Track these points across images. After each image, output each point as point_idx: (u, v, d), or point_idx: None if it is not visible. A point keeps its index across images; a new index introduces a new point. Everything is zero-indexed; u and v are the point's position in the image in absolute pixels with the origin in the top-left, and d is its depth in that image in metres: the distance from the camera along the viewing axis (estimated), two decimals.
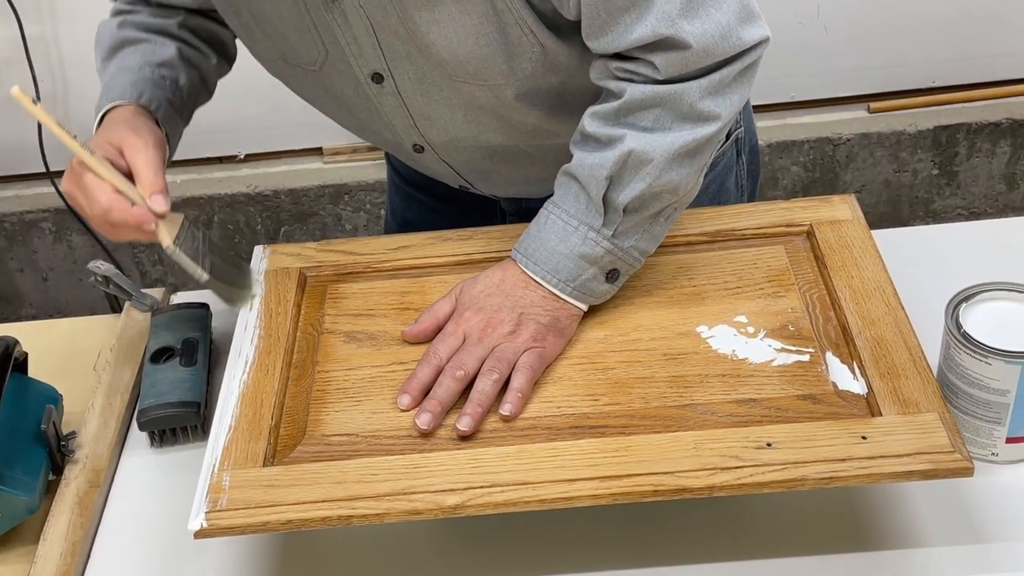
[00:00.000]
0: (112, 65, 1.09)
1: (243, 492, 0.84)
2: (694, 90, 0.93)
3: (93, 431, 1.03)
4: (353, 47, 0.99)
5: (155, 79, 1.06)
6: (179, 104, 1.09)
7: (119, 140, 0.97)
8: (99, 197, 0.93)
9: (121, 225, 0.95)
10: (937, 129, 2.31)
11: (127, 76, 1.06)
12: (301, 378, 0.96)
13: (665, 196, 0.97)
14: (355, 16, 0.96)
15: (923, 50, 2.25)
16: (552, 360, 0.95)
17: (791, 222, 1.06)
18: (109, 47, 1.10)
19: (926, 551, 0.88)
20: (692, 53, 0.91)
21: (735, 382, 0.91)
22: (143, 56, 1.08)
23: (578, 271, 0.97)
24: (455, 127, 1.06)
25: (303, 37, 1.00)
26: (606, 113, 0.96)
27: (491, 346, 0.94)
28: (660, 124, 0.94)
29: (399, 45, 0.98)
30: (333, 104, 1.10)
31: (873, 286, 0.97)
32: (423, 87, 1.01)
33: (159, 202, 0.95)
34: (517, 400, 0.91)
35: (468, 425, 0.89)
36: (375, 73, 1.01)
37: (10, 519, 0.94)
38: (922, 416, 0.84)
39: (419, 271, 1.06)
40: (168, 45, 1.10)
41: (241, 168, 2.34)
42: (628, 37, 0.91)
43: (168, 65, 1.09)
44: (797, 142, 2.32)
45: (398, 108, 1.05)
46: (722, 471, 0.82)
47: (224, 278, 1.01)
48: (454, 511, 0.82)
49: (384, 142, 1.16)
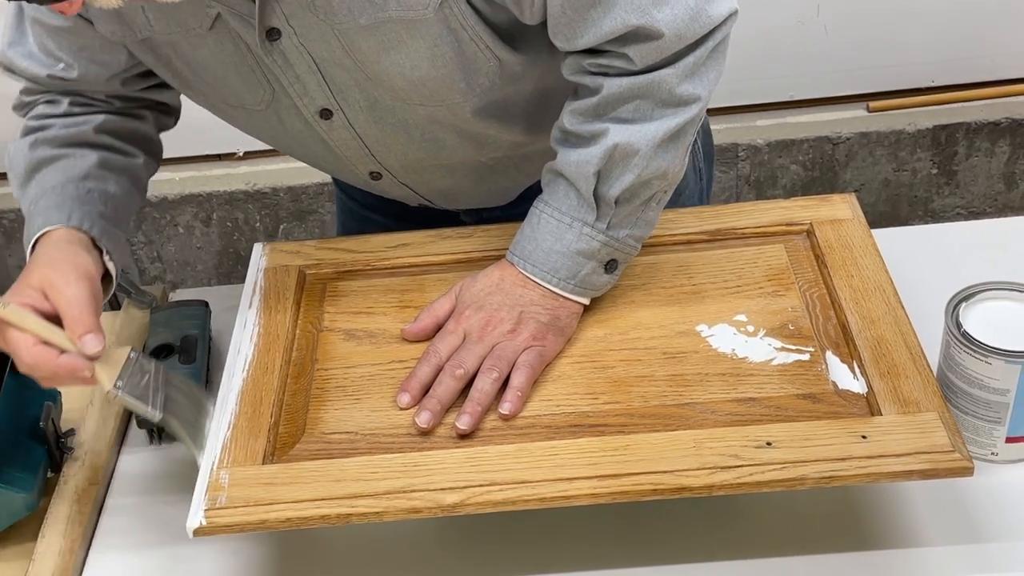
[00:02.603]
0: (31, 190, 1.00)
1: (242, 490, 0.84)
2: (671, 76, 0.92)
3: (92, 428, 1.03)
4: (296, 87, 0.97)
5: (80, 195, 0.98)
6: (113, 215, 1.00)
7: (39, 281, 0.89)
8: (22, 353, 0.86)
9: (53, 377, 0.88)
10: (936, 128, 2.31)
11: (49, 199, 0.98)
12: (300, 376, 0.96)
13: (654, 183, 0.96)
14: (295, 55, 0.94)
15: (922, 49, 2.25)
16: (552, 359, 0.95)
17: (791, 221, 1.05)
18: (25, 171, 1.01)
19: (926, 551, 0.88)
20: (665, 41, 0.90)
21: (735, 381, 0.91)
22: (62, 173, 1.00)
23: (577, 267, 0.97)
24: (413, 149, 1.04)
25: (246, 79, 0.97)
26: (585, 109, 0.95)
27: (491, 344, 0.94)
28: (641, 114, 0.94)
29: (345, 76, 0.96)
30: (285, 140, 1.07)
31: (873, 285, 0.97)
32: (376, 114, 1.00)
33: (91, 343, 0.86)
34: (516, 399, 0.91)
35: (467, 424, 0.88)
36: (323, 109, 0.99)
37: (9, 516, 0.94)
38: (922, 416, 0.84)
39: (418, 269, 1.06)
40: (88, 155, 1.02)
41: (240, 166, 2.34)
42: (598, 31, 0.90)
43: (92, 177, 1.01)
44: (796, 141, 2.32)
45: (351, 140, 1.03)
46: (721, 470, 0.82)
47: (183, 414, 0.91)
48: (453, 509, 0.82)
49: (340, 173, 1.14)
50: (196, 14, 0.92)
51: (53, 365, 0.86)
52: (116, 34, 0.96)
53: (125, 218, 1.04)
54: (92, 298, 0.89)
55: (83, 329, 0.86)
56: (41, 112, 1.04)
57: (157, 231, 2.37)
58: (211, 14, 0.91)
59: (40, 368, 0.86)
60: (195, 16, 0.92)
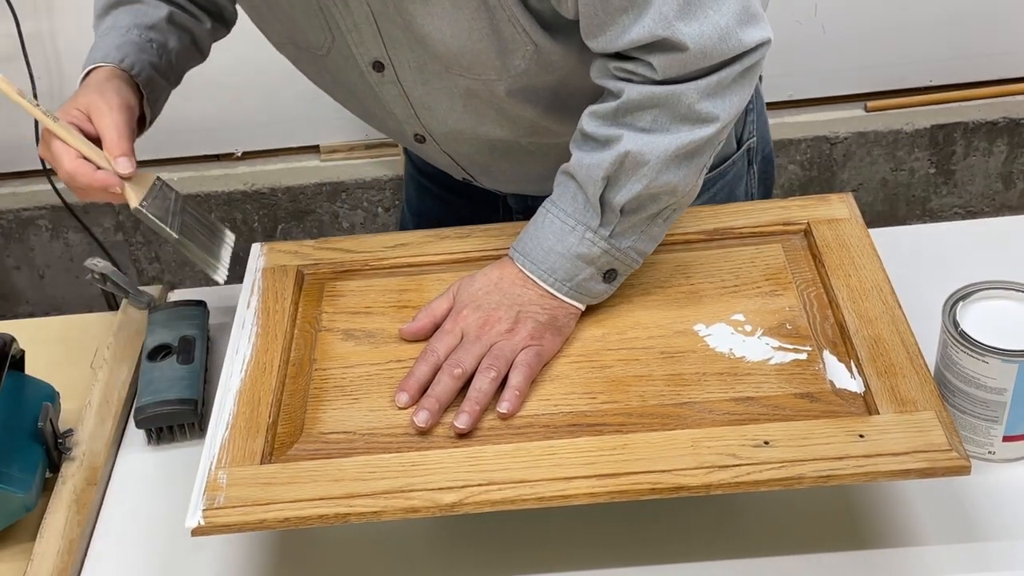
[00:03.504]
0: (104, 24, 1.09)
1: (240, 490, 0.84)
2: (692, 91, 0.92)
3: (90, 429, 1.03)
4: (354, 34, 0.99)
5: (141, 43, 1.07)
6: (164, 68, 1.08)
7: (86, 105, 0.99)
8: (64, 162, 0.96)
9: (87, 188, 0.98)
10: (934, 128, 2.31)
11: (113, 38, 1.07)
12: (298, 376, 0.96)
13: (663, 198, 0.96)
14: (355, 2, 0.96)
15: (920, 49, 2.25)
16: (550, 358, 0.95)
17: (789, 220, 1.06)
18: (104, 5, 1.10)
19: (923, 549, 0.88)
20: (689, 55, 0.90)
21: (732, 380, 0.91)
22: (132, 17, 1.08)
23: (575, 271, 0.97)
24: (454, 118, 1.05)
25: (311, 21, 1.00)
26: (604, 113, 0.95)
27: (489, 344, 0.94)
28: (658, 125, 0.94)
29: (399, 34, 0.98)
30: (341, 90, 1.10)
31: (870, 285, 0.97)
32: (423, 76, 1.01)
33: (124, 164, 0.97)
34: (514, 398, 0.91)
35: (466, 423, 0.89)
36: (376, 61, 1.01)
37: (7, 517, 0.94)
38: (919, 414, 0.84)
39: (417, 269, 1.06)
40: (160, 7, 1.09)
41: (238, 166, 2.34)
42: (625, 37, 0.91)
43: (157, 28, 1.08)
44: (794, 141, 2.32)
45: (399, 97, 1.05)
46: (719, 469, 0.82)
47: (196, 239, 1.03)
48: (451, 509, 0.82)
49: (389, 130, 1.16)
50: None
51: (89, 178, 0.96)
52: None
53: (177, 73, 1.12)
54: (129, 127, 0.99)
55: (119, 151, 0.97)
56: None
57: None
58: None
59: (77, 178, 0.97)
60: None
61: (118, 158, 0.97)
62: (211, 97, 1.16)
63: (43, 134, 0.98)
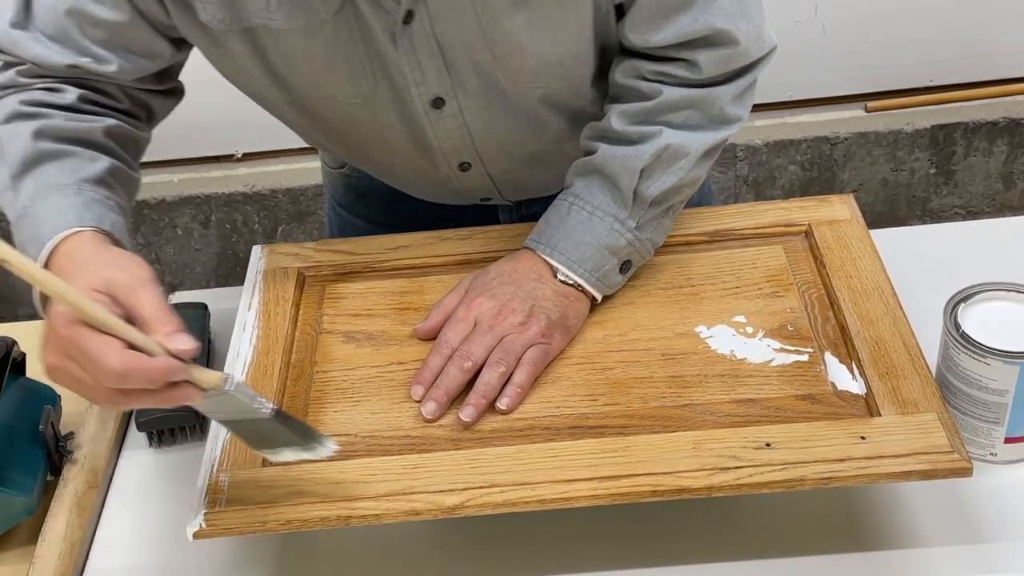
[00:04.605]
0: (27, 183, 0.90)
1: (242, 492, 0.84)
2: (725, 94, 0.98)
3: (91, 432, 1.03)
4: (416, 75, 0.96)
5: (100, 199, 0.90)
6: (124, 228, 0.91)
7: (105, 283, 0.76)
8: (110, 358, 0.73)
9: (142, 388, 0.74)
10: (934, 128, 2.31)
11: (68, 198, 0.88)
12: (299, 378, 0.96)
13: (685, 190, 1.00)
14: (421, 39, 0.93)
15: (920, 49, 2.25)
16: (555, 357, 0.95)
17: (790, 222, 1.06)
18: (22, 161, 0.91)
19: (925, 551, 0.88)
20: (738, 52, 0.95)
21: (734, 382, 0.91)
22: (71, 172, 0.90)
23: (601, 261, 0.98)
24: (517, 133, 1.05)
25: (352, 70, 0.96)
26: (636, 113, 0.98)
27: (500, 335, 0.94)
28: (690, 123, 0.98)
29: (467, 61, 0.96)
30: (361, 135, 1.05)
31: (871, 286, 0.97)
32: (488, 99, 1.00)
33: (184, 340, 0.75)
34: (516, 395, 0.91)
35: (471, 415, 0.89)
36: (436, 98, 0.99)
37: (8, 520, 0.94)
38: (921, 416, 0.84)
39: (417, 271, 1.06)
40: (99, 158, 0.94)
41: (238, 167, 2.34)
42: (676, 31, 0.93)
43: (105, 183, 0.92)
44: (795, 141, 2.32)
45: (455, 129, 1.03)
46: (721, 471, 0.82)
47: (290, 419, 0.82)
48: (453, 511, 0.82)
49: (410, 170, 1.10)
50: None
51: (150, 370, 0.74)
52: (217, 20, 0.92)
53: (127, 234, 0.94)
54: (165, 299, 0.79)
55: (171, 327, 0.75)
56: (39, 99, 0.95)
57: (155, 233, 2.37)
58: None
59: (134, 375, 0.73)
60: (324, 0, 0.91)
61: (172, 335, 0.74)
62: (211, 99, 1.16)
63: (56, 329, 0.75)
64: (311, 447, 0.82)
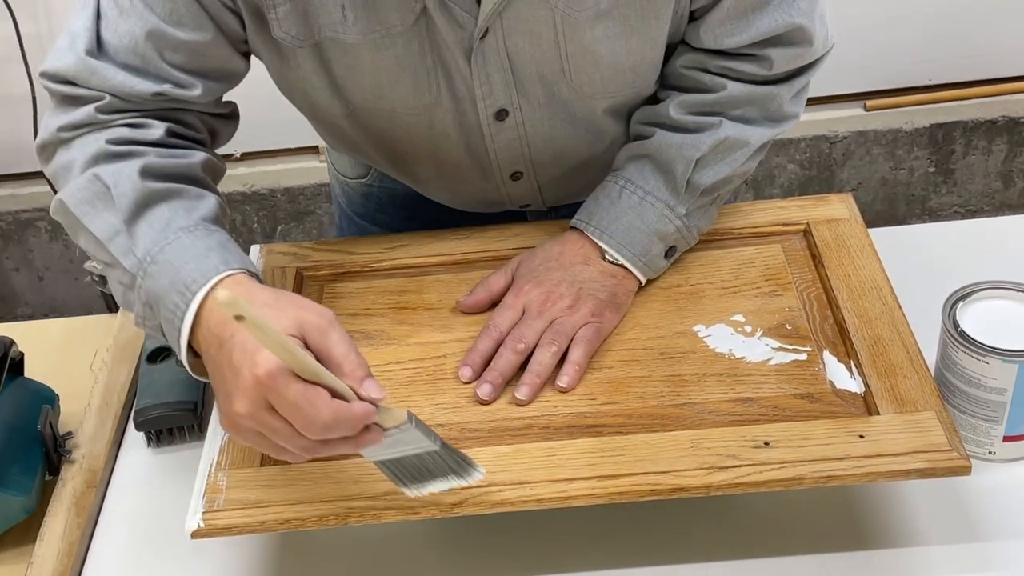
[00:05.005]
0: (143, 226, 0.85)
1: (240, 492, 0.84)
2: (786, 93, 1.00)
3: (90, 431, 1.03)
4: (484, 87, 0.96)
5: (228, 238, 0.86)
6: None
7: (296, 325, 0.75)
8: (321, 411, 0.71)
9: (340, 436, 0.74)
10: (933, 127, 2.31)
11: (199, 239, 0.84)
12: None
13: (735, 181, 1.02)
14: (492, 52, 0.93)
15: (919, 48, 2.25)
16: (608, 334, 0.96)
17: (788, 221, 1.06)
18: (134, 203, 0.86)
19: (923, 550, 0.88)
20: (810, 50, 0.98)
21: (732, 381, 0.91)
22: (187, 213, 0.86)
23: (650, 246, 0.99)
24: (574, 142, 1.05)
25: (419, 81, 0.95)
26: (696, 103, 0.99)
27: (550, 319, 0.95)
28: (748, 117, 1.00)
29: (534, 73, 0.96)
30: (412, 145, 1.03)
31: (870, 285, 0.97)
32: (551, 110, 1.01)
33: (375, 388, 0.74)
34: (574, 372, 0.92)
35: (527, 394, 0.90)
36: (501, 109, 0.99)
37: (6, 520, 0.94)
38: (919, 415, 0.84)
39: (416, 270, 1.06)
40: (206, 196, 0.90)
41: (237, 167, 2.34)
42: (751, 32, 0.95)
43: (217, 221, 0.88)
44: (794, 140, 2.32)
45: (515, 140, 1.03)
46: (719, 470, 0.82)
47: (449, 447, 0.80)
48: (451, 510, 0.82)
49: (458, 180, 1.09)
50: (401, 8, 0.90)
51: (353, 419, 0.73)
52: (291, 36, 0.91)
53: None
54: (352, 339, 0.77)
55: (363, 372, 0.75)
56: (126, 136, 0.90)
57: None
58: (416, 9, 0.90)
59: (343, 424, 0.72)
60: (400, 11, 0.90)
61: (365, 381, 0.74)
62: None
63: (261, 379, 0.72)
64: (465, 473, 0.80)
